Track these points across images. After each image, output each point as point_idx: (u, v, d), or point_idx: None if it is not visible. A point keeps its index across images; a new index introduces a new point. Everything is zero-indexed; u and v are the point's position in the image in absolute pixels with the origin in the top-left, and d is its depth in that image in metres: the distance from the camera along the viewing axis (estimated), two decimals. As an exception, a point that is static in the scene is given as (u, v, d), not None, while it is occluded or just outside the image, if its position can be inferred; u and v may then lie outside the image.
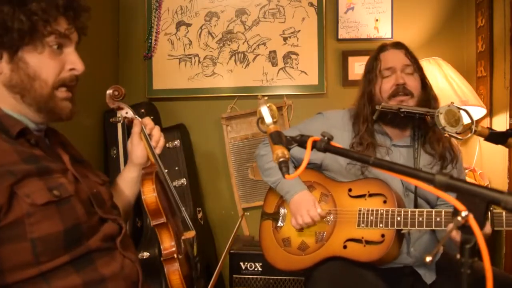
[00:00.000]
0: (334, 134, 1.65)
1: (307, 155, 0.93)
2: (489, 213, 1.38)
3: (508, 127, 2.11)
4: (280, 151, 0.99)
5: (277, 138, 1.03)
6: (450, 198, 0.72)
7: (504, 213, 1.37)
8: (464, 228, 0.70)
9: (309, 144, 0.95)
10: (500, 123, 2.22)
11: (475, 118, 2.33)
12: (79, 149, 1.24)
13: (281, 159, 0.97)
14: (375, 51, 1.73)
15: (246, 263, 2.40)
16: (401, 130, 1.68)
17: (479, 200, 0.69)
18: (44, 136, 1.10)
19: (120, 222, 1.13)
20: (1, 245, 0.88)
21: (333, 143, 0.97)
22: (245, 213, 2.70)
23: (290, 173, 0.94)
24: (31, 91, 0.99)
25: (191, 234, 1.43)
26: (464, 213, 0.68)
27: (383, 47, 1.72)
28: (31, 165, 0.95)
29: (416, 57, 1.70)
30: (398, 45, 1.71)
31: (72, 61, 1.04)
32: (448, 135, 1.39)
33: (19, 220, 0.89)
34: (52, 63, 1.01)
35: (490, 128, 1.40)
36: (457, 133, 1.38)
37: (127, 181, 1.40)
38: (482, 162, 2.39)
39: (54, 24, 0.99)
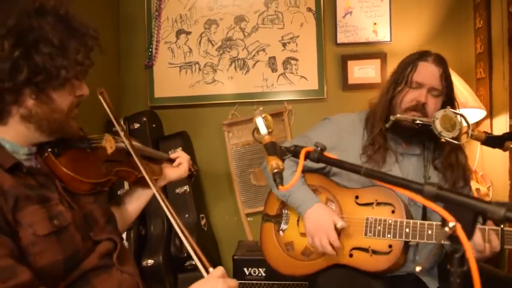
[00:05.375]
0: (345, 139, 1.70)
1: (300, 165, 0.95)
2: (500, 230, 1.36)
3: (508, 128, 2.11)
4: (275, 162, 1.00)
5: (271, 149, 1.04)
6: (438, 208, 0.73)
7: None
8: (453, 238, 0.71)
9: (302, 155, 0.96)
10: (500, 124, 2.22)
11: (474, 120, 2.35)
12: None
13: (275, 170, 0.98)
14: (416, 55, 1.64)
15: (249, 269, 2.41)
16: (413, 139, 1.65)
17: (467, 210, 0.70)
18: (35, 157, 1.09)
19: (115, 239, 1.13)
20: None
21: (326, 153, 0.98)
22: (248, 219, 2.72)
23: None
24: (49, 121, 1.01)
25: None
26: (451, 224, 0.69)
27: (424, 55, 1.62)
28: (29, 191, 0.96)
29: (451, 79, 1.63)
30: (439, 62, 1.61)
31: (81, 87, 1.07)
32: (444, 140, 1.39)
33: (25, 249, 0.90)
34: (71, 96, 1.04)
35: (486, 132, 1.41)
36: (453, 138, 1.39)
37: (129, 195, 1.42)
38: (484, 164, 2.39)
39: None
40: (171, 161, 1.53)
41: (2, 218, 0.89)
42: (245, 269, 2.41)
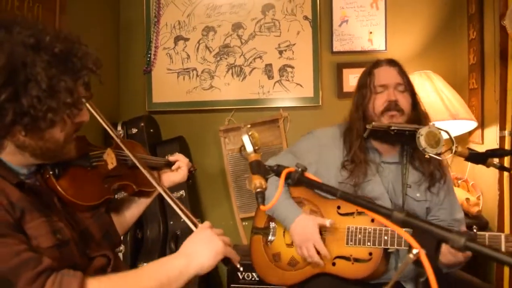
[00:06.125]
0: (326, 153, 1.76)
1: (281, 186, 0.99)
2: (473, 235, 1.41)
3: (498, 140, 2.14)
4: (258, 181, 1.04)
5: (256, 168, 1.08)
6: (405, 234, 0.77)
7: (487, 235, 1.40)
8: (418, 262, 0.75)
9: (283, 175, 1.00)
10: (491, 135, 2.25)
11: (465, 131, 2.39)
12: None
13: (258, 189, 1.02)
14: (369, 67, 1.76)
15: (244, 273, 2.45)
16: (391, 146, 1.72)
17: (431, 237, 0.74)
18: (35, 176, 1.12)
19: (108, 254, 1.16)
20: None
21: (307, 174, 1.02)
22: (244, 223, 2.77)
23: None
24: (43, 150, 1.02)
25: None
26: (415, 251, 0.73)
27: (377, 63, 1.75)
28: (33, 206, 0.99)
29: (408, 76, 1.74)
30: (392, 63, 1.74)
31: (81, 114, 1.06)
32: (428, 156, 1.43)
33: None
34: (68, 127, 1.04)
35: (470, 149, 1.44)
36: (437, 154, 1.42)
37: (127, 201, 1.44)
38: (475, 173, 2.42)
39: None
40: (170, 164, 1.54)
41: (13, 222, 0.94)
42: (239, 273, 2.45)
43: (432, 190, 1.68)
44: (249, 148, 1.16)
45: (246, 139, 1.17)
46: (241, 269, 1.14)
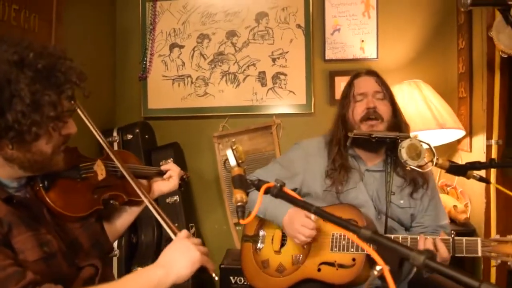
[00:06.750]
0: (311, 162, 1.82)
1: (259, 200, 1.03)
2: (451, 240, 1.47)
3: (485, 149, 2.17)
4: (239, 195, 1.08)
5: (238, 182, 1.12)
6: (370, 251, 0.81)
7: (464, 239, 1.45)
8: (383, 278, 0.79)
9: (261, 190, 1.04)
10: (479, 144, 2.28)
11: (453, 139, 2.42)
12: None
13: (239, 203, 1.07)
14: (350, 78, 1.85)
15: (236, 277, 2.50)
16: (375, 154, 1.77)
17: (394, 255, 0.78)
18: (25, 188, 1.15)
19: (96, 264, 1.20)
20: None
21: (285, 189, 1.06)
22: (237, 228, 2.81)
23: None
24: (31, 163, 1.05)
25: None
26: (378, 267, 0.77)
27: (356, 74, 1.84)
28: (21, 220, 1.03)
29: (387, 84, 1.80)
30: (370, 73, 1.83)
31: (68, 127, 1.10)
32: (410, 169, 1.47)
33: None
34: (55, 139, 1.07)
35: (450, 161, 1.48)
36: (418, 166, 1.46)
37: (118, 210, 1.47)
38: (463, 181, 2.45)
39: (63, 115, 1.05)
40: (162, 173, 1.57)
41: (1, 237, 0.98)
42: (231, 278, 2.50)
43: (414, 196, 1.73)
44: (232, 162, 1.20)
45: (229, 153, 1.21)
46: (216, 278, 1.17)
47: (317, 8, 2.77)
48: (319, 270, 1.66)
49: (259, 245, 1.84)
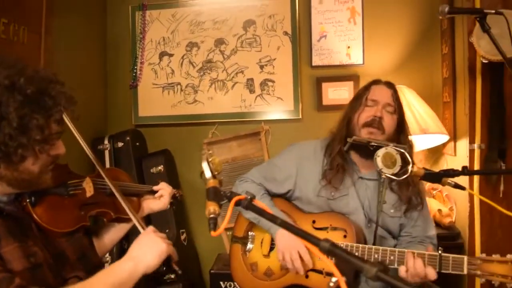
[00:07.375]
0: (305, 166, 1.85)
1: (229, 212, 1.07)
2: (438, 256, 1.46)
3: (468, 153, 2.20)
4: (212, 207, 1.12)
5: (212, 194, 1.15)
6: (328, 262, 0.84)
7: (451, 257, 1.45)
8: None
9: (232, 203, 1.08)
10: (463, 148, 2.31)
11: (437, 144, 2.45)
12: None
13: (211, 215, 1.10)
14: (369, 82, 1.84)
15: (226, 282, 2.53)
16: (370, 162, 1.77)
17: (350, 266, 0.82)
18: (14, 202, 1.19)
19: (81, 276, 1.23)
20: None
21: (255, 201, 1.09)
22: (228, 233, 2.84)
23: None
24: (19, 181, 1.10)
25: None
26: (334, 279, 0.81)
27: (376, 81, 1.83)
28: (9, 232, 1.08)
29: (401, 103, 1.78)
30: (389, 85, 1.80)
31: (56, 147, 1.14)
32: (385, 177, 1.50)
33: None
34: (43, 160, 1.11)
35: (425, 169, 1.51)
36: (393, 174, 1.49)
37: (107, 227, 1.50)
38: (448, 184, 2.49)
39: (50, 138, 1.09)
40: (153, 192, 1.62)
41: None
42: (221, 283, 2.53)
43: (407, 214, 1.74)
44: (207, 174, 1.24)
45: (205, 166, 1.26)
46: (180, 272, 1.25)
47: (304, 15, 2.81)
48: (306, 276, 1.69)
49: (249, 247, 1.85)
